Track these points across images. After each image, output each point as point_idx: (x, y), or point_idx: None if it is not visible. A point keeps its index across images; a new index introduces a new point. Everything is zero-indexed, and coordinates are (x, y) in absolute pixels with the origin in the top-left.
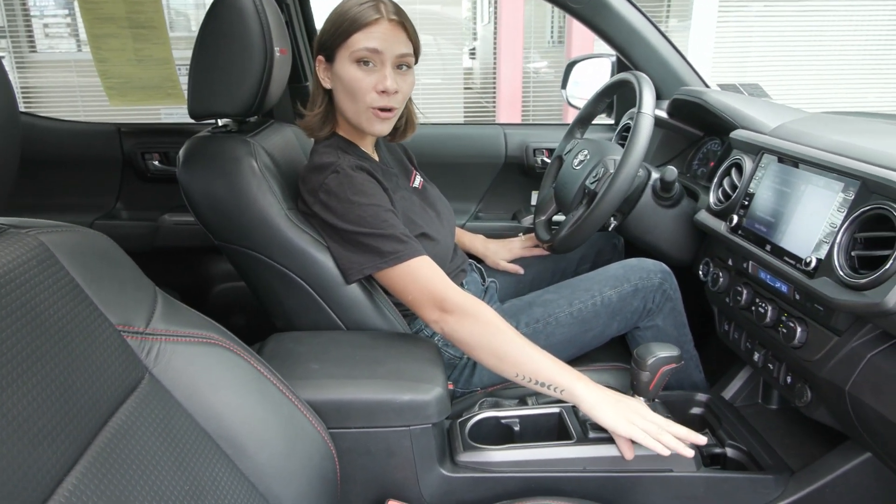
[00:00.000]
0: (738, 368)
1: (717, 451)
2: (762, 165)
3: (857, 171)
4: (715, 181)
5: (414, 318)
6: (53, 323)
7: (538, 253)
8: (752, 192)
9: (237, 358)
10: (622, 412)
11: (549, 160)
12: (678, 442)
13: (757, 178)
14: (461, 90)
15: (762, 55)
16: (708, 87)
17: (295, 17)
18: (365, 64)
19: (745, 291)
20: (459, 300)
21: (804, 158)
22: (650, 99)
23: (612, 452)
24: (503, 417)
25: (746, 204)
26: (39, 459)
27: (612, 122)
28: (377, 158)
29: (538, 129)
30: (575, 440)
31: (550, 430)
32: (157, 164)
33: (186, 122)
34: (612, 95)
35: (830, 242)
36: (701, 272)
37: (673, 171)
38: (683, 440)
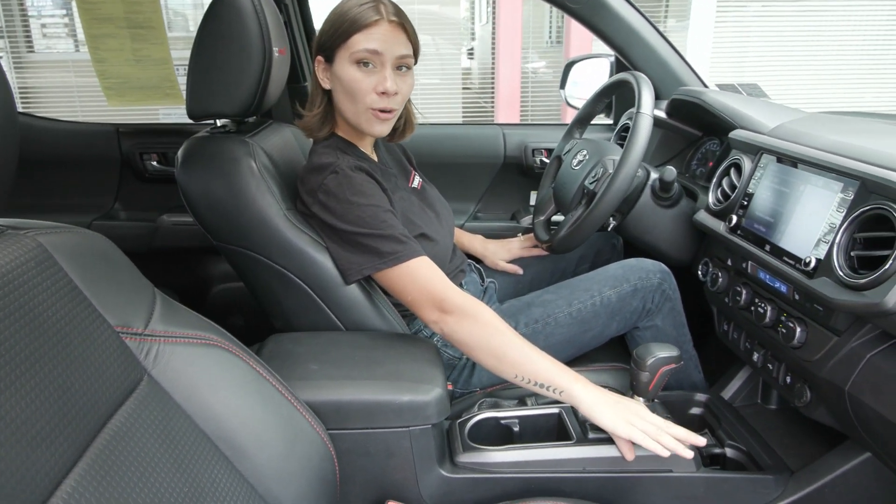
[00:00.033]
0: (737, 368)
1: (716, 451)
2: (761, 165)
3: (856, 171)
4: (714, 181)
5: (413, 318)
6: (52, 325)
7: (537, 253)
8: (751, 192)
9: (236, 359)
10: (621, 413)
11: (547, 160)
12: (677, 443)
13: (756, 178)
14: (459, 90)
15: (760, 55)
16: (706, 87)
17: (293, 17)
18: (365, 65)
19: (744, 291)
20: (459, 301)
21: (803, 158)
22: (649, 99)
23: (611, 453)
24: (503, 418)
25: (745, 204)
26: (38, 462)
27: (610, 122)
28: (376, 159)
29: (537, 129)
30: (574, 441)
31: (550, 430)
32: (155, 164)
33: (185, 122)
34: (610, 95)
35: (830, 242)
36: (700, 272)
37: (672, 171)
38: (683, 441)
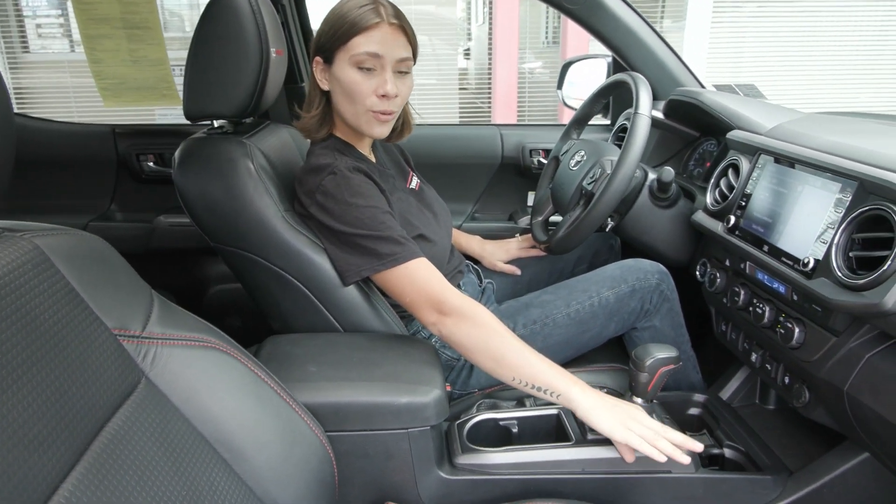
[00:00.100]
0: (735, 369)
1: (715, 451)
2: (759, 166)
3: (854, 171)
4: (712, 182)
5: (411, 319)
6: (49, 327)
7: (535, 254)
8: (748, 192)
9: (234, 361)
10: (619, 417)
11: (545, 161)
12: (674, 448)
13: (754, 178)
14: (456, 90)
15: (756, 56)
16: (704, 87)
17: (291, 17)
18: (365, 68)
19: (742, 292)
20: (457, 302)
21: (801, 159)
22: (647, 99)
23: (610, 454)
24: (501, 419)
25: (743, 204)
26: (35, 465)
27: (608, 122)
28: (374, 160)
29: (535, 129)
30: (573, 442)
31: (549, 431)
32: (151, 165)
33: (181, 123)
34: (608, 96)
35: (828, 243)
36: (698, 273)
37: (670, 171)
38: (680, 446)
